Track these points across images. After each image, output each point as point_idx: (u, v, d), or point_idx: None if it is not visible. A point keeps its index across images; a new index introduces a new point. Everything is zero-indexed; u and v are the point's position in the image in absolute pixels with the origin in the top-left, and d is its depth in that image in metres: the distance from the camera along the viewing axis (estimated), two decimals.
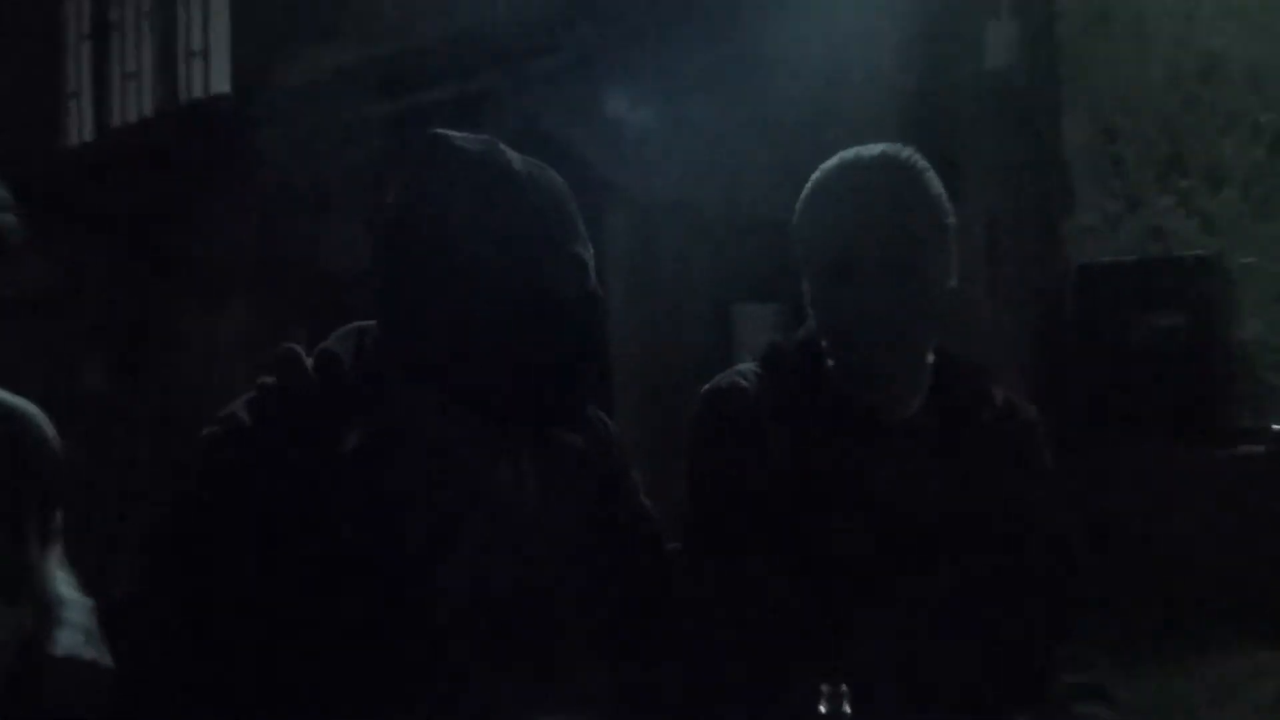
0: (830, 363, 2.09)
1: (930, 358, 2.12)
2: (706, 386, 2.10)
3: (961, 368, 2.14)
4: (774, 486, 1.98)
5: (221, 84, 7.94)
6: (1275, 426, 4.17)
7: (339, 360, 1.85)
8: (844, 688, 1.57)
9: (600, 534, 1.98)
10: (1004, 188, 4.77)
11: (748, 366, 2.15)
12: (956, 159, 4.44)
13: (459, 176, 1.81)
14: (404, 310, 1.82)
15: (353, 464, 1.78)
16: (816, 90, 5.02)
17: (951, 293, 2.09)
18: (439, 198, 1.80)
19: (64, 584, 2.28)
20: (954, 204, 2.13)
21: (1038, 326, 4.73)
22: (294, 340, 1.91)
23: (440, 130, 1.87)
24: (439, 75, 6.11)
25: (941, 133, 4.68)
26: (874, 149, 2.07)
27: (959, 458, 2.07)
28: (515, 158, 1.86)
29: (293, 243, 7.05)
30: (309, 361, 1.84)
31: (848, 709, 1.56)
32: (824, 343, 2.08)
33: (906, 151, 2.08)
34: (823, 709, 1.56)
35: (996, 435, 2.10)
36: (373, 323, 1.90)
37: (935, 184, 2.08)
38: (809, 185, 2.09)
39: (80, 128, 8.86)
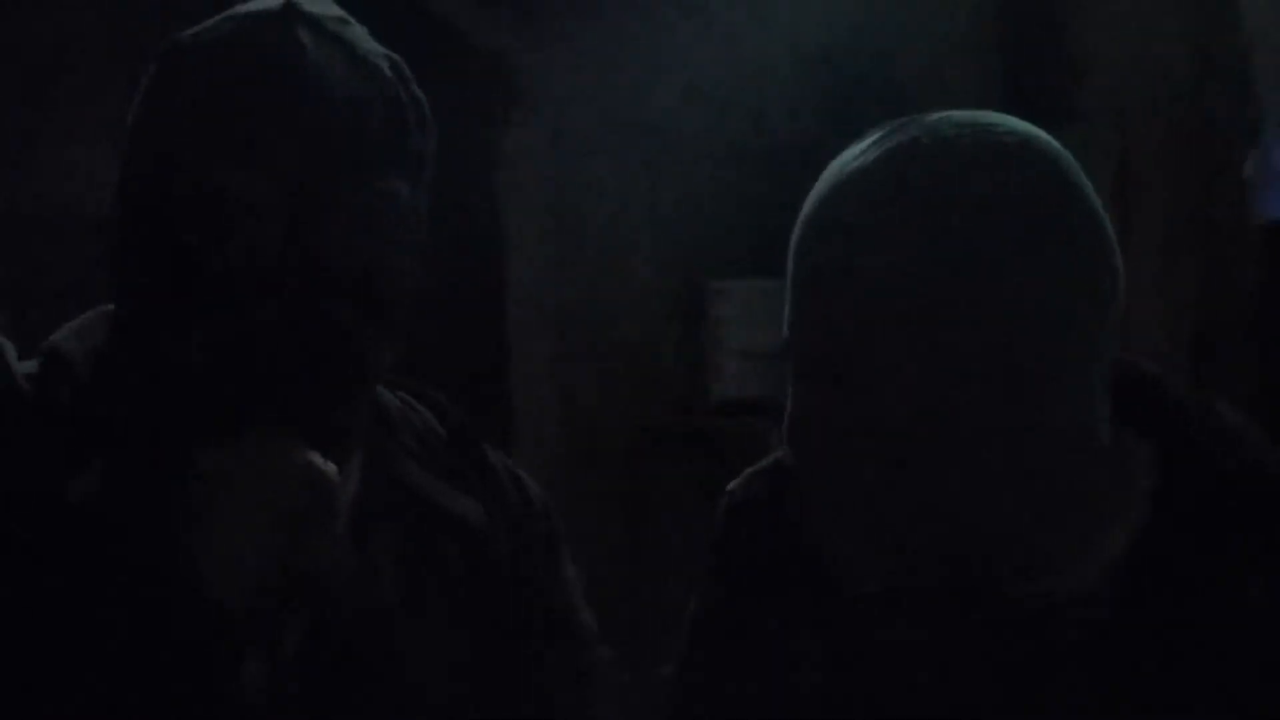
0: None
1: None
2: (731, 485, 1.65)
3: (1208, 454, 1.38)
4: (802, 690, 1.48)
5: None
6: None
7: (70, 364, 1.52)
8: None
9: (505, 663, 1.60)
10: (1141, 97, 3.86)
11: None
12: (1076, 51, 3.80)
13: (225, 67, 1.47)
14: (140, 278, 1.51)
15: (86, 521, 1.44)
16: None
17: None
18: (189, 101, 1.47)
19: None
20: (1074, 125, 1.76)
21: (1205, 313, 3.93)
22: None
23: None
24: None
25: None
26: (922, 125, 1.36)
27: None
28: (314, 39, 1.47)
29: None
30: (26, 366, 1.52)
31: None
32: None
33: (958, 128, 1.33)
34: None
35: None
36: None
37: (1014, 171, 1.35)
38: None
39: None
